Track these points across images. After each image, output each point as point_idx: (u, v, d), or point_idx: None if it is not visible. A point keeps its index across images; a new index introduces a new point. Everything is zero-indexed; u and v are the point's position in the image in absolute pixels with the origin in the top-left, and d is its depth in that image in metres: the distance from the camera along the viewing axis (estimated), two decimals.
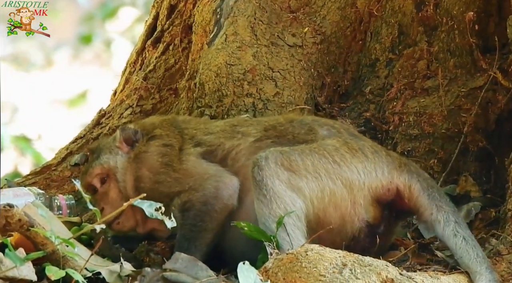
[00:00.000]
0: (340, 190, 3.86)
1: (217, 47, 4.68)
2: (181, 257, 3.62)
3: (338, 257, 3.43)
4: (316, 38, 4.79)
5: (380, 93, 4.77)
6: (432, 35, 4.72)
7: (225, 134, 4.10)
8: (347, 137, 4.01)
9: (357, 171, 3.89)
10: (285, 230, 3.73)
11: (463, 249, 3.76)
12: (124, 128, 4.21)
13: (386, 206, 3.94)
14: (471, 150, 4.56)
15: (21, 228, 3.61)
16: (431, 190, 3.92)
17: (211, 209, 3.95)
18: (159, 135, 4.16)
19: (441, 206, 3.89)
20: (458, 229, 3.83)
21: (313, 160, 3.88)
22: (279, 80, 4.66)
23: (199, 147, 4.09)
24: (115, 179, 4.14)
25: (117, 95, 5.26)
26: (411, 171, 3.95)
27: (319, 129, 4.05)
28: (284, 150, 3.90)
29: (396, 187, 3.92)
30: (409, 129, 4.64)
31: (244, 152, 4.03)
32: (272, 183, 3.81)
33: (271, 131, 4.07)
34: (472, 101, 4.58)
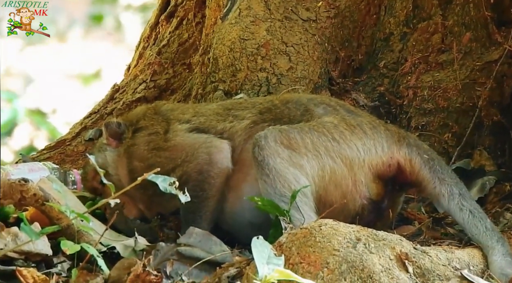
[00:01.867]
0: (340, 168, 3.85)
1: (230, 22, 4.67)
2: (195, 231, 3.63)
3: (352, 231, 3.43)
4: (330, 12, 4.77)
5: (394, 67, 4.75)
6: (447, 8, 4.69)
7: (217, 117, 4.08)
8: (345, 114, 3.99)
9: (357, 149, 3.87)
10: (293, 206, 3.73)
11: (471, 223, 3.74)
12: (107, 124, 4.21)
13: (389, 181, 3.92)
14: (486, 124, 4.54)
15: (36, 202, 3.63)
16: (432, 162, 3.90)
17: (208, 176, 3.95)
18: (144, 126, 4.16)
19: (444, 179, 3.86)
20: (463, 202, 3.80)
21: (312, 138, 3.86)
22: (293, 54, 4.65)
23: (187, 124, 4.08)
24: (107, 174, 4.10)
25: (131, 70, 5.27)
26: (411, 144, 3.93)
27: (315, 108, 4.02)
28: (283, 127, 3.88)
29: (397, 162, 3.90)
30: (424, 104, 4.63)
31: (240, 133, 4.01)
32: (274, 162, 3.80)
33: (267, 114, 4.04)
34: (487, 75, 4.56)
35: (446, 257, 3.51)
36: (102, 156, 4.17)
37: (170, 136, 4.08)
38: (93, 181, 4.20)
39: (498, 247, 3.64)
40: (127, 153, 4.14)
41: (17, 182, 3.70)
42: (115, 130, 4.19)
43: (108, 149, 4.18)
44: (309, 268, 3.31)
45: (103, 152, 4.19)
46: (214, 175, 3.95)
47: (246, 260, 3.51)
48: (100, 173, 3.53)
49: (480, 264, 3.62)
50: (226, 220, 4.01)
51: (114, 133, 4.19)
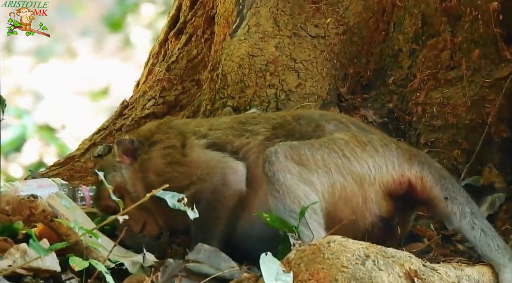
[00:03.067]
0: (350, 185, 3.84)
1: (239, 38, 4.68)
2: (203, 248, 3.63)
3: (361, 248, 3.42)
4: (339, 28, 4.78)
5: (403, 84, 4.75)
6: (456, 25, 4.69)
7: (233, 131, 4.07)
8: (356, 131, 3.98)
9: (367, 166, 3.86)
10: (303, 223, 3.72)
11: (483, 242, 3.73)
12: (119, 141, 4.18)
13: (399, 199, 3.90)
14: (495, 140, 4.53)
15: (45, 218, 3.63)
16: (444, 180, 3.89)
17: (221, 196, 3.94)
18: (159, 140, 4.14)
19: (455, 197, 3.85)
20: (475, 220, 3.79)
21: (323, 154, 3.86)
22: (302, 71, 4.65)
23: (204, 139, 4.07)
24: (127, 193, 4.10)
25: (140, 86, 5.28)
26: (422, 162, 3.91)
27: (326, 125, 4.02)
28: (293, 143, 3.87)
29: (408, 180, 3.89)
30: (433, 120, 4.62)
31: (254, 150, 4.01)
32: (284, 178, 3.79)
33: (279, 130, 4.03)
34: (496, 92, 4.56)
35: (455, 274, 3.50)
36: (119, 174, 4.14)
37: (188, 151, 4.07)
38: (108, 199, 4.18)
39: (510, 265, 3.63)
40: (142, 167, 4.12)
41: (26, 198, 3.71)
42: (128, 147, 4.16)
43: (123, 166, 4.16)
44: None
45: (119, 170, 4.15)
46: (227, 196, 3.94)
47: (255, 277, 3.50)
48: (109, 190, 3.53)
49: (490, 282, 3.61)
50: (237, 234, 4.00)
51: (126, 151, 4.16)
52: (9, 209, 3.67)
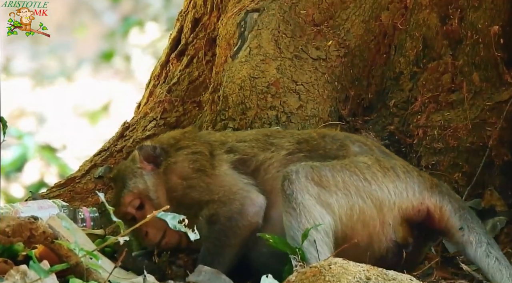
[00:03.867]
0: (369, 209, 3.84)
1: (240, 60, 4.69)
2: (204, 269, 3.62)
3: (361, 270, 3.42)
4: (340, 51, 4.79)
5: (404, 106, 4.75)
6: (457, 48, 4.70)
7: (258, 144, 4.08)
8: (379, 155, 4.00)
9: (388, 191, 3.87)
10: (313, 245, 3.72)
11: (496, 269, 3.74)
12: (141, 147, 4.15)
13: (416, 226, 3.91)
14: (496, 163, 4.53)
15: (45, 240, 3.62)
16: (463, 211, 3.91)
17: (235, 225, 3.94)
18: (185, 145, 4.13)
19: (473, 228, 3.87)
20: (491, 249, 3.81)
21: (343, 177, 3.87)
22: (303, 93, 4.66)
23: (232, 154, 4.07)
24: (148, 199, 4.09)
25: (141, 108, 5.28)
26: (443, 192, 3.94)
27: (351, 145, 4.04)
28: (315, 164, 3.88)
29: (426, 208, 3.90)
30: (434, 143, 4.62)
31: (276, 164, 4.02)
32: (302, 197, 3.80)
33: (304, 145, 4.05)
34: (497, 115, 4.56)
35: None
36: (141, 181, 4.11)
37: (216, 164, 4.06)
38: (128, 206, 4.14)
39: None
40: (167, 171, 4.09)
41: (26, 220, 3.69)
42: (150, 154, 4.13)
43: (144, 172, 4.13)
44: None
45: (141, 176, 4.12)
46: (241, 226, 3.94)
47: None
48: (110, 211, 3.53)
49: None
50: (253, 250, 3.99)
51: (148, 157, 4.13)
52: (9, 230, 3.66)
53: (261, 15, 4.77)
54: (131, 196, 4.11)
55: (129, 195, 4.11)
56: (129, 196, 4.11)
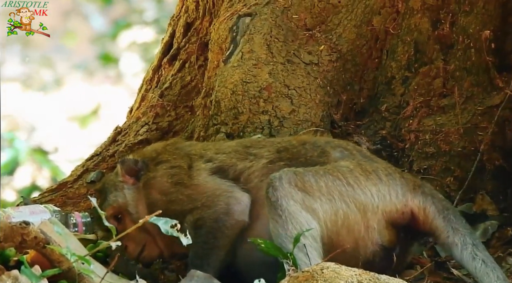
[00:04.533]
0: (353, 213, 3.84)
1: (233, 65, 4.69)
2: (196, 274, 3.62)
3: (354, 275, 3.42)
4: (332, 56, 4.79)
5: (396, 111, 4.76)
6: (448, 53, 4.71)
7: (237, 155, 4.07)
8: (361, 159, 3.99)
9: (371, 194, 3.86)
10: (302, 251, 3.72)
11: (483, 272, 3.73)
12: (123, 161, 4.16)
13: (401, 229, 3.91)
14: (488, 168, 4.54)
15: (37, 245, 3.61)
16: (447, 212, 3.90)
17: (222, 225, 3.94)
18: (165, 160, 4.13)
19: (457, 229, 3.86)
20: (477, 251, 3.80)
21: (327, 182, 3.86)
22: (295, 97, 4.66)
23: (210, 162, 4.07)
24: (128, 213, 4.10)
25: (133, 112, 5.28)
26: (426, 192, 3.93)
27: (331, 151, 4.03)
28: (298, 170, 3.88)
29: (410, 210, 3.90)
30: (425, 147, 4.63)
31: (257, 174, 4.01)
32: (287, 203, 3.79)
33: (284, 153, 4.05)
34: (489, 120, 4.57)
35: None
36: (121, 195, 4.13)
37: (194, 174, 4.06)
38: (110, 219, 4.11)
39: None
40: (147, 186, 4.10)
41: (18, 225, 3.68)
42: (131, 168, 4.14)
43: (126, 186, 4.14)
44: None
45: (121, 190, 4.14)
46: (229, 225, 3.93)
47: None
48: (102, 215, 3.52)
49: None
50: (238, 258, 3.98)
51: (130, 171, 4.14)
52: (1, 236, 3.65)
53: (253, 20, 4.77)
54: (111, 210, 4.12)
55: (110, 208, 4.13)
56: (110, 210, 4.12)
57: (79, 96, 9.51)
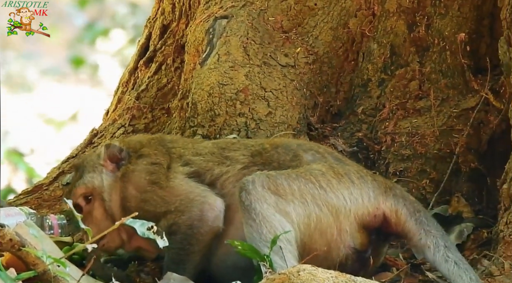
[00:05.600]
0: (326, 217, 3.84)
1: (209, 67, 4.69)
2: (173, 277, 3.61)
3: (330, 277, 3.42)
4: (309, 58, 4.80)
5: (372, 113, 4.78)
6: (424, 55, 4.74)
7: (213, 158, 4.06)
8: (333, 162, 3.99)
9: (343, 198, 3.87)
10: (278, 254, 3.72)
11: (456, 274, 3.75)
12: (108, 146, 4.13)
13: (373, 231, 3.92)
14: (463, 170, 4.56)
15: (12, 247, 3.58)
16: (418, 214, 3.91)
17: (197, 232, 3.93)
18: (146, 154, 4.11)
19: (429, 231, 3.87)
20: (449, 253, 3.81)
21: (299, 185, 3.86)
22: (272, 100, 4.67)
23: (187, 166, 4.06)
24: (100, 199, 4.07)
25: (109, 114, 5.26)
26: (397, 195, 3.94)
27: (303, 154, 4.03)
28: (270, 173, 3.88)
29: (382, 213, 3.91)
30: (401, 150, 4.65)
31: (231, 179, 4.01)
32: (261, 207, 3.79)
33: (258, 157, 4.04)
34: (464, 122, 4.59)
35: None
36: (99, 178, 4.10)
37: (171, 176, 4.04)
38: (79, 197, 4.08)
39: None
40: (124, 177, 4.08)
41: None
42: (115, 155, 4.11)
43: (105, 171, 4.11)
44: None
45: (100, 173, 4.10)
46: (203, 232, 3.92)
47: None
48: (78, 218, 3.51)
49: None
50: (213, 262, 3.98)
51: (112, 157, 4.11)
52: None
53: (230, 22, 4.77)
54: (84, 189, 4.09)
55: (83, 187, 4.10)
56: (82, 188, 4.10)
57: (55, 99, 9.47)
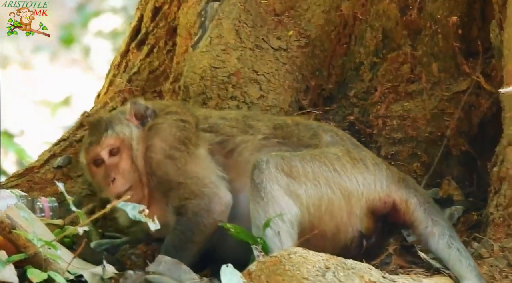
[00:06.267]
0: (338, 199, 3.88)
1: (201, 50, 4.68)
2: (164, 259, 3.62)
3: (321, 260, 3.44)
4: (301, 41, 4.80)
5: (364, 96, 4.78)
6: (416, 39, 4.73)
7: (237, 124, 4.11)
8: (350, 147, 4.04)
9: (357, 182, 3.91)
10: (277, 236, 3.74)
11: (456, 258, 3.80)
12: (135, 102, 4.17)
13: (380, 218, 3.96)
14: (454, 153, 4.57)
15: (3, 230, 3.59)
16: (428, 204, 3.97)
17: (201, 222, 3.94)
18: (174, 111, 4.16)
19: (437, 221, 3.93)
20: (453, 241, 3.87)
21: (313, 167, 3.89)
22: (264, 83, 4.66)
23: (213, 134, 4.08)
24: (129, 149, 4.08)
25: (100, 97, 5.25)
26: (409, 186, 4.00)
27: (323, 135, 4.07)
28: (285, 155, 3.91)
29: (393, 201, 3.96)
30: (393, 133, 4.66)
31: (250, 148, 4.04)
32: (271, 187, 3.82)
33: (279, 131, 4.08)
34: (455, 105, 4.60)
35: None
36: (128, 129, 4.12)
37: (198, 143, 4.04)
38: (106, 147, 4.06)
39: (473, 279, 3.70)
40: (152, 129, 4.09)
41: None
42: (140, 112, 4.15)
43: (131, 124, 4.13)
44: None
45: (127, 125, 4.12)
46: (207, 223, 3.94)
47: None
48: (69, 201, 3.51)
49: None
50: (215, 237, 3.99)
51: (137, 114, 4.15)
52: None
53: (222, 5, 4.76)
54: (113, 139, 4.09)
55: (112, 137, 4.09)
56: (112, 139, 4.09)
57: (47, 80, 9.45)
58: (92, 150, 4.10)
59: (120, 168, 4.06)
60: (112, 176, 4.03)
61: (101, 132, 4.12)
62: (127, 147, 4.08)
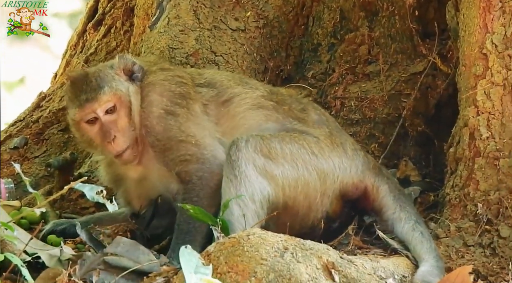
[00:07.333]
0: (314, 181, 3.90)
1: (159, 31, 4.65)
2: (122, 241, 3.61)
3: (280, 241, 3.45)
4: (259, 22, 4.79)
5: (322, 78, 4.79)
6: (373, 20, 4.75)
7: (234, 79, 4.10)
8: (333, 129, 4.06)
9: (333, 165, 3.94)
10: (243, 216, 3.75)
11: (418, 240, 3.85)
12: (122, 57, 4.02)
13: (348, 203, 4.01)
14: (411, 134, 4.61)
15: None
16: (398, 192, 4.03)
17: (206, 184, 3.91)
18: (168, 68, 4.09)
19: (405, 207, 3.98)
20: (418, 226, 3.93)
21: (292, 149, 3.91)
22: (222, 64, 4.66)
23: (210, 89, 4.04)
24: (126, 106, 3.95)
25: (57, 78, 5.20)
26: (383, 174, 4.06)
27: (312, 112, 4.10)
28: (265, 136, 3.91)
29: (365, 186, 4.01)
30: (351, 114, 4.68)
31: (248, 101, 4.03)
32: (246, 166, 3.82)
33: (274, 96, 4.10)
34: (412, 86, 4.63)
35: (371, 266, 3.55)
36: (123, 86, 3.97)
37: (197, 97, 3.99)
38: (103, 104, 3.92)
39: (431, 261, 3.75)
40: (150, 85, 3.99)
41: None
42: (128, 67, 4.01)
43: (123, 80, 3.98)
44: (237, 277, 3.32)
45: (122, 82, 3.97)
46: (213, 185, 3.90)
47: (174, 270, 3.50)
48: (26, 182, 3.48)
49: (404, 273, 3.68)
50: None
51: (125, 68, 4.01)
52: None
53: None
54: (111, 96, 3.94)
55: (110, 94, 3.93)
56: (110, 95, 3.94)
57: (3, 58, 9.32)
58: (88, 107, 3.92)
59: (119, 125, 3.93)
60: (112, 134, 3.90)
61: (96, 88, 3.95)
62: (124, 104, 3.95)
